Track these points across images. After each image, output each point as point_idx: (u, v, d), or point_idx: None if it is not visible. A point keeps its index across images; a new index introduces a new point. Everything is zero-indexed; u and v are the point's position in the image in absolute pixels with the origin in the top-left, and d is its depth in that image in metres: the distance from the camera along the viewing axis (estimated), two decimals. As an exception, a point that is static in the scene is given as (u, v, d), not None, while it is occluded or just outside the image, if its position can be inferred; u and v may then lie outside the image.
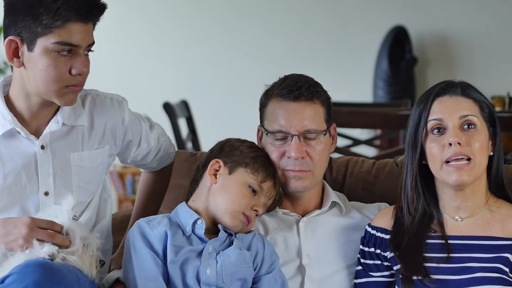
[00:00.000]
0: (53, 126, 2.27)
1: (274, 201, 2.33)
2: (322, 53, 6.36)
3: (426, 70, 6.42)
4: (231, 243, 2.24)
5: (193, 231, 2.23)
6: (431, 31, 6.37)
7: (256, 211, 2.27)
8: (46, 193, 2.28)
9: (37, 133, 2.27)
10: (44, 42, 2.14)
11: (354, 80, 6.34)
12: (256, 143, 2.47)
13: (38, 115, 2.26)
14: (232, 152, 2.32)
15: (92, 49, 2.22)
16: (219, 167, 2.30)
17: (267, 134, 2.38)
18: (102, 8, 2.20)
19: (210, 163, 2.31)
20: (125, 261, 2.21)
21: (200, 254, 2.19)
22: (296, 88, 2.36)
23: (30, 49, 2.15)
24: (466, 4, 6.29)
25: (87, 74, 2.23)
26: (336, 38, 6.38)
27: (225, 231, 2.25)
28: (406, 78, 6.28)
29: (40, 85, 2.18)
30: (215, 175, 2.29)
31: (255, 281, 2.24)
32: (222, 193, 2.26)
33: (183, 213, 2.26)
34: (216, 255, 2.19)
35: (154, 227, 2.21)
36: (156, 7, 6.45)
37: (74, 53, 2.17)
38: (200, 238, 2.22)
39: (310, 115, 2.35)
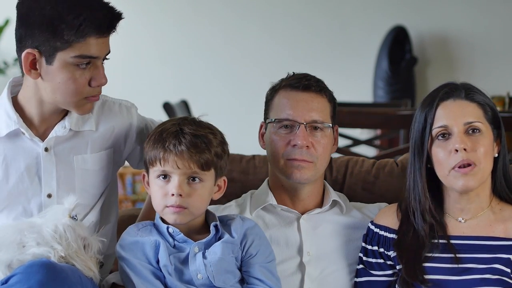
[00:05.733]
0: (60, 131, 2.27)
1: None
2: (322, 53, 6.36)
3: (426, 70, 6.43)
4: (218, 240, 2.21)
5: (173, 238, 2.20)
6: (431, 31, 6.37)
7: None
8: (49, 195, 2.28)
9: (42, 136, 2.27)
10: (64, 56, 2.14)
11: (354, 80, 6.34)
12: (258, 141, 2.49)
13: (47, 120, 2.27)
14: None
15: (107, 57, 2.24)
16: None
17: (273, 122, 2.39)
18: (119, 18, 2.21)
19: None
20: (125, 282, 2.19)
21: (188, 258, 2.17)
22: (306, 79, 2.41)
23: (48, 62, 2.16)
24: (466, 4, 6.29)
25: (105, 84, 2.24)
26: (336, 38, 6.38)
27: (216, 229, 2.23)
28: (406, 78, 6.29)
29: (59, 96, 2.20)
30: None
31: (246, 267, 2.22)
32: None
33: (160, 222, 2.22)
34: (203, 254, 2.16)
35: (145, 236, 2.18)
36: (156, 8, 6.45)
37: (93, 65, 2.18)
38: (185, 241, 2.19)
39: (318, 107, 2.38)
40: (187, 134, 2.16)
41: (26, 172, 2.26)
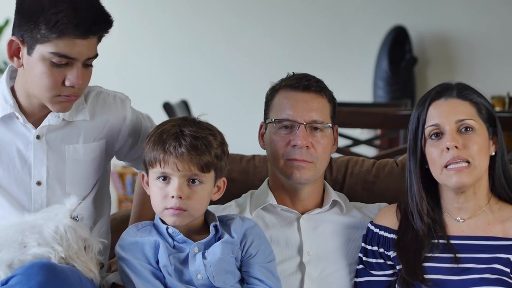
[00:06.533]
0: (53, 120, 2.28)
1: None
2: (322, 53, 6.36)
3: (426, 70, 6.43)
4: (217, 240, 2.21)
5: (173, 239, 2.20)
6: (431, 31, 6.37)
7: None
8: (39, 183, 2.29)
9: (35, 123, 2.28)
10: (42, 50, 2.14)
11: (354, 80, 6.34)
12: (258, 141, 2.49)
13: (39, 112, 2.28)
14: None
15: (90, 63, 2.20)
16: None
17: (273, 122, 2.39)
18: (106, 24, 2.18)
19: None
20: (125, 282, 2.19)
21: (187, 259, 2.17)
22: (305, 80, 2.41)
23: (29, 52, 2.17)
24: (466, 4, 6.29)
25: (84, 86, 2.22)
26: (336, 38, 6.38)
27: (216, 229, 2.23)
28: (406, 78, 6.29)
29: (35, 89, 2.20)
30: None
31: (246, 267, 2.22)
32: None
33: (159, 223, 2.22)
34: (203, 255, 2.17)
35: (145, 236, 2.18)
36: (156, 8, 6.45)
37: (71, 65, 2.17)
38: (184, 242, 2.19)
39: (318, 107, 2.39)
40: (187, 136, 2.16)
41: (17, 157, 2.28)
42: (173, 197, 2.15)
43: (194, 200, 2.16)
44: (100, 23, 2.17)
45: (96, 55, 2.21)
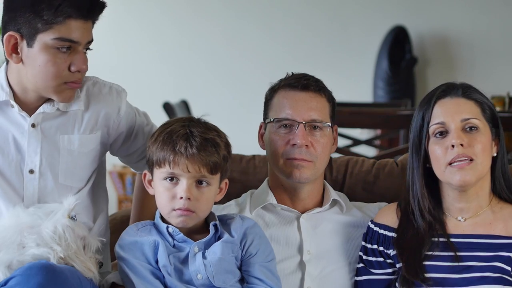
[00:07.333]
0: (47, 108, 2.28)
1: None
2: (322, 53, 6.36)
3: (426, 70, 6.43)
4: (217, 239, 2.21)
5: (173, 238, 2.19)
6: (431, 31, 6.37)
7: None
8: (31, 171, 2.29)
9: (30, 112, 2.28)
10: (44, 38, 2.16)
11: (354, 80, 6.34)
12: (257, 141, 2.49)
13: (33, 103, 2.28)
14: None
15: (90, 47, 2.24)
16: None
17: (273, 122, 2.40)
18: (102, 6, 2.22)
19: None
20: (125, 282, 2.19)
21: (187, 258, 2.17)
22: (304, 79, 2.41)
23: (29, 45, 2.17)
24: (466, 4, 6.29)
25: (86, 72, 2.25)
26: (336, 38, 6.38)
27: (215, 228, 2.23)
28: (406, 78, 6.29)
29: (39, 81, 2.21)
30: None
31: (246, 266, 2.22)
32: None
33: (159, 222, 2.22)
34: (203, 254, 2.17)
35: (144, 236, 2.18)
36: (156, 8, 6.45)
37: (73, 50, 2.19)
38: (184, 241, 2.19)
39: (317, 106, 2.39)
40: (197, 137, 2.15)
41: (13, 143, 2.28)
42: (181, 198, 2.14)
43: (202, 201, 2.16)
44: (97, 4, 2.21)
45: (92, 40, 2.24)
